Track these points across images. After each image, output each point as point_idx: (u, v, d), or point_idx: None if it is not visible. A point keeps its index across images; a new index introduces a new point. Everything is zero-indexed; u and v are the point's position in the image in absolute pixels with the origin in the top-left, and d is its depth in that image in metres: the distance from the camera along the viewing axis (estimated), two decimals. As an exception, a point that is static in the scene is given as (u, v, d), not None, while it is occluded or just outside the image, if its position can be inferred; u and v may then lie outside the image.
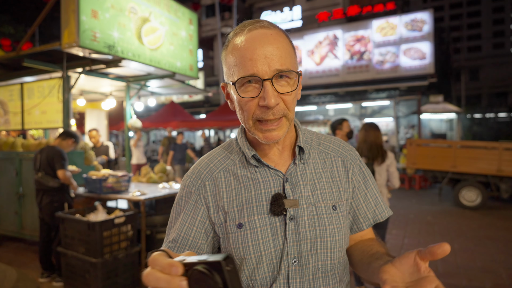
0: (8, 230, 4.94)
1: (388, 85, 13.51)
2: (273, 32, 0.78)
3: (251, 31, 0.77)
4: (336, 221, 0.86)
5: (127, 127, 5.75)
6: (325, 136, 0.99)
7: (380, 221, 0.95)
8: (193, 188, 0.89)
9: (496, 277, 3.81)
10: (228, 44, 0.81)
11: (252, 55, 0.75)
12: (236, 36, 0.79)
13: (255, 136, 0.82)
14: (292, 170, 0.87)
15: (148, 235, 3.98)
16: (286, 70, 0.76)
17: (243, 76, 0.75)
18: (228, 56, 0.80)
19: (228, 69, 0.81)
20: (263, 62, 0.74)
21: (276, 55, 0.75)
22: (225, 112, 10.83)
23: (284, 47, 0.77)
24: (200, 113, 18.83)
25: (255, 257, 0.81)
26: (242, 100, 0.78)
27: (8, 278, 1.86)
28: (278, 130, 0.79)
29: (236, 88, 0.78)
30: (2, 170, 4.98)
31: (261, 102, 0.76)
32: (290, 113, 0.80)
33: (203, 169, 0.92)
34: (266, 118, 0.77)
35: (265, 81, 0.75)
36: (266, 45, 0.75)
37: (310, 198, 0.85)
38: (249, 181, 0.87)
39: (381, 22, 13.82)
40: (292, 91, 0.78)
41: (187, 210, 0.88)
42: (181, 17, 5.35)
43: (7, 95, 5.24)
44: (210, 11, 20.67)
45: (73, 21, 3.74)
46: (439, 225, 6.03)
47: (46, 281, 3.75)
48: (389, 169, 3.29)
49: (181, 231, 0.87)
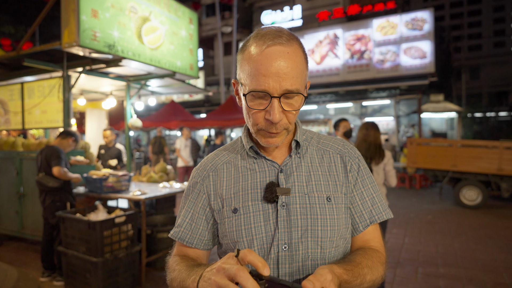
0: (9, 230, 4.94)
1: (388, 84, 13.49)
2: (290, 50, 0.80)
3: (270, 47, 0.79)
4: (329, 212, 0.88)
5: (127, 126, 5.75)
6: (327, 136, 1.03)
7: (377, 222, 0.94)
8: (199, 179, 0.98)
9: (497, 276, 3.81)
10: (246, 49, 0.83)
11: (266, 72, 0.78)
12: (255, 46, 0.81)
13: (257, 139, 0.89)
14: (287, 162, 0.92)
15: (148, 234, 3.99)
16: (295, 91, 0.80)
17: (255, 90, 0.80)
18: (243, 62, 0.84)
19: (242, 73, 0.85)
20: (275, 80, 0.78)
21: (288, 75, 0.79)
22: (226, 111, 10.82)
23: (298, 67, 0.81)
24: (200, 112, 18.83)
25: (247, 240, 0.86)
26: (250, 110, 0.85)
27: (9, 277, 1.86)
28: (278, 137, 0.86)
29: (245, 98, 0.84)
30: (3, 169, 4.98)
31: (267, 115, 0.82)
32: (291, 125, 0.86)
33: (209, 162, 1.01)
34: (269, 130, 0.84)
35: (274, 98, 0.80)
36: (281, 65, 0.78)
37: (303, 188, 0.89)
38: (247, 171, 0.93)
39: (382, 21, 13.80)
40: (296, 111, 0.84)
41: (192, 198, 0.97)
42: (181, 17, 5.35)
43: (8, 95, 5.25)
44: (210, 11, 20.66)
45: (73, 21, 3.73)
46: (440, 224, 6.03)
47: (47, 280, 3.76)
48: (385, 168, 3.32)
49: (185, 217, 0.97)
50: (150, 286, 3.64)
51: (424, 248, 4.76)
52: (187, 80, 6.06)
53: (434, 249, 4.73)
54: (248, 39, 0.85)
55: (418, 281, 3.71)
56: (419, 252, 4.62)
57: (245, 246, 0.86)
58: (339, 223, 0.88)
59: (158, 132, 10.36)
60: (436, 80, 13.25)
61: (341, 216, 0.89)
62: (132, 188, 4.27)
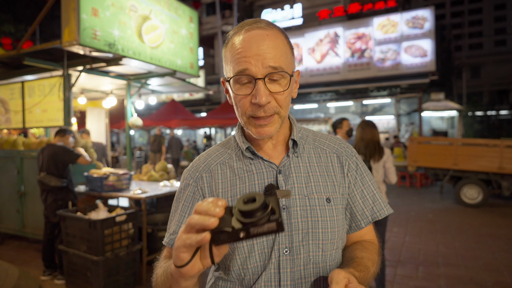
0: (10, 229, 4.95)
1: (389, 82, 13.47)
2: (269, 32, 0.80)
3: (249, 31, 0.80)
4: (329, 213, 0.86)
5: (128, 125, 5.76)
6: (322, 134, 1.01)
7: (379, 218, 0.95)
8: (191, 180, 0.93)
9: (497, 274, 3.81)
10: (228, 42, 0.84)
11: (246, 53, 0.78)
12: (235, 35, 0.82)
13: (249, 131, 0.86)
14: (285, 162, 0.89)
15: (149, 233, 3.99)
16: (278, 68, 0.78)
17: (237, 71, 0.79)
18: (226, 53, 0.84)
19: (226, 66, 0.85)
20: (257, 59, 0.77)
21: (270, 54, 0.78)
22: (226, 110, 10.82)
23: (279, 47, 0.80)
24: (201, 111, 18.82)
25: (247, 246, 0.82)
26: (236, 97, 0.83)
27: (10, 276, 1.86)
28: (270, 126, 0.83)
29: (230, 85, 0.82)
30: (4, 168, 4.99)
31: (253, 99, 0.80)
32: (282, 110, 0.83)
33: (201, 162, 0.95)
34: (258, 115, 0.81)
35: (258, 80, 0.78)
36: (261, 45, 0.78)
37: (303, 189, 0.87)
38: (244, 173, 0.89)
39: (382, 19, 13.77)
40: (284, 91, 0.81)
41: (185, 202, 0.91)
42: (181, 15, 5.34)
43: (8, 94, 5.25)
44: (210, 9, 20.62)
45: (73, 20, 3.73)
46: (440, 223, 6.03)
47: (48, 279, 3.76)
48: (385, 165, 3.33)
49: (180, 222, 0.89)
50: (150, 284, 3.63)
51: (425, 247, 4.76)
52: (187, 79, 6.06)
53: (435, 247, 4.73)
54: (228, 35, 0.86)
55: (418, 279, 3.71)
56: (419, 250, 4.62)
57: (244, 251, 0.82)
58: (338, 224, 0.87)
59: (157, 131, 10.39)
60: (436, 78, 13.24)
61: (340, 217, 0.89)
62: (133, 187, 4.28)
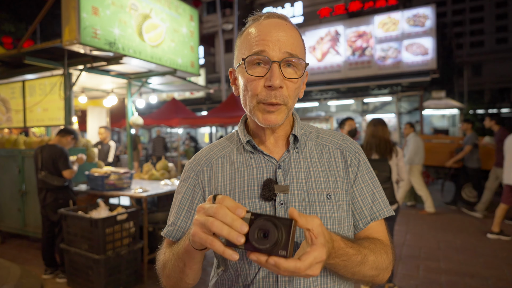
0: (11, 227, 4.96)
1: (390, 81, 13.44)
2: (288, 23, 0.84)
3: (268, 18, 0.83)
4: (329, 209, 0.84)
5: (128, 124, 5.76)
6: (326, 130, 0.98)
7: (378, 219, 0.90)
8: (192, 173, 0.93)
9: (498, 272, 3.81)
10: (244, 31, 0.86)
11: (265, 36, 0.80)
12: (253, 24, 0.85)
13: (255, 119, 0.84)
14: (285, 158, 0.88)
15: (150, 231, 4.00)
16: (295, 55, 0.80)
17: (254, 52, 0.79)
18: (242, 42, 0.85)
19: (240, 51, 0.85)
20: (275, 43, 0.79)
21: (288, 41, 0.80)
22: (227, 109, 10.81)
23: (296, 37, 0.83)
24: (201, 110, 18.81)
25: None
26: (249, 78, 0.81)
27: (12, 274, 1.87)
28: (277, 114, 0.82)
29: (245, 65, 0.81)
30: (5, 167, 5.00)
31: (266, 82, 0.79)
32: (290, 101, 0.83)
33: (203, 156, 0.95)
34: (268, 100, 0.80)
35: (274, 62, 0.78)
36: (280, 31, 0.80)
37: (302, 185, 0.85)
38: (244, 166, 0.89)
39: (383, 17, 13.73)
40: (297, 78, 0.82)
41: (185, 194, 0.92)
42: (182, 14, 5.34)
43: (9, 93, 5.26)
44: (211, 8, 20.58)
45: (73, 18, 3.73)
46: (441, 220, 6.03)
47: (50, 277, 3.77)
48: (398, 163, 3.34)
49: (179, 214, 0.90)
50: (152, 283, 3.65)
51: (426, 244, 4.75)
52: (188, 77, 6.06)
53: (436, 245, 4.73)
54: (245, 25, 0.88)
55: (420, 277, 3.72)
56: (420, 248, 4.61)
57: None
58: (339, 221, 0.85)
59: (157, 132, 10.45)
60: (438, 76, 13.19)
61: (342, 214, 0.85)
62: (134, 186, 4.28)
